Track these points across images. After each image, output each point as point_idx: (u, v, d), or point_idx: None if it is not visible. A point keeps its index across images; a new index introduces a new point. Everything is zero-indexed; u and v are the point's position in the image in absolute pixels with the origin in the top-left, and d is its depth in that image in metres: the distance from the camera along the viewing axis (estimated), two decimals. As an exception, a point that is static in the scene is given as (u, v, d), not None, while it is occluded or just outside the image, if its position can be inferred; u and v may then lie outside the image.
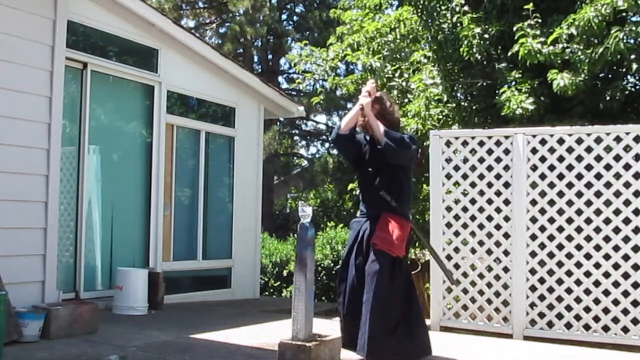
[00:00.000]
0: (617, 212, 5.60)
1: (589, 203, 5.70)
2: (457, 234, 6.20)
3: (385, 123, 4.61)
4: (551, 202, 5.84)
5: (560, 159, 5.88)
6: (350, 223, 4.94)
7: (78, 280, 6.50)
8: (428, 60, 8.18)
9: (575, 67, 6.45)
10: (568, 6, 6.87)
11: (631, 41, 6.22)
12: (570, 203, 5.77)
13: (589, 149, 5.78)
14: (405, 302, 4.50)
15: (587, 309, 5.65)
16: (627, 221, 5.56)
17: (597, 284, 5.64)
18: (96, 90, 6.79)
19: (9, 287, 4.47)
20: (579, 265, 5.71)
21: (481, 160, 6.18)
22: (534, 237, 5.87)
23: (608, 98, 6.60)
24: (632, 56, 6.29)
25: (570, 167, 5.83)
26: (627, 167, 5.63)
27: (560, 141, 5.88)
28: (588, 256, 5.68)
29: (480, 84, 7.37)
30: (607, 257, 5.60)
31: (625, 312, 5.52)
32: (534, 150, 5.95)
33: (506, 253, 5.96)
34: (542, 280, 5.81)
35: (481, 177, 6.15)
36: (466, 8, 7.21)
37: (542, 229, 5.85)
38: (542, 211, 5.86)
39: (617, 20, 6.39)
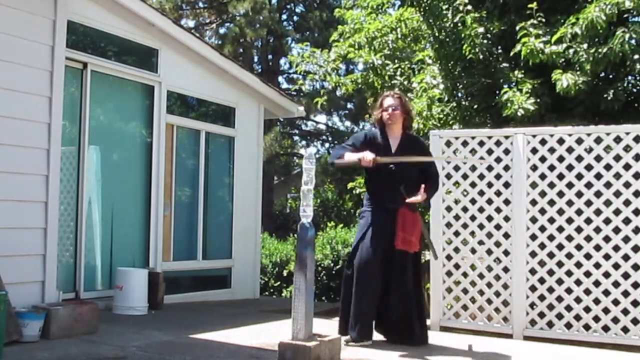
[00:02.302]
0: (617, 212, 5.60)
1: (589, 203, 5.70)
2: (457, 234, 6.19)
3: (407, 121, 5.19)
4: (551, 202, 5.84)
5: (560, 159, 5.88)
6: (360, 212, 5.18)
7: (78, 280, 6.50)
8: (433, 62, 8.19)
9: (577, 67, 6.45)
10: (569, 6, 6.87)
11: (632, 42, 6.21)
12: (570, 203, 5.77)
13: (589, 149, 5.78)
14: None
15: (587, 309, 5.65)
16: (627, 221, 5.56)
17: (597, 284, 5.64)
18: (96, 90, 6.79)
19: (9, 287, 4.46)
20: (579, 265, 5.71)
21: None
22: (534, 237, 5.87)
23: (609, 98, 6.60)
24: (636, 56, 6.28)
25: (570, 167, 5.83)
26: (627, 167, 5.62)
27: (560, 141, 5.88)
28: (588, 256, 5.68)
29: (480, 84, 7.37)
30: (607, 257, 5.60)
31: (625, 312, 5.51)
32: (534, 150, 5.95)
33: (506, 253, 5.96)
34: (542, 280, 5.80)
35: (481, 177, 6.15)
36: (469, 7, 7.21)
37: (542, 229, 5.85)
38: (542, 211, 5.86)
39: (620, 20, 6.38)
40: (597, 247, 5.63)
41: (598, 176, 5.69)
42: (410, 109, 5.28)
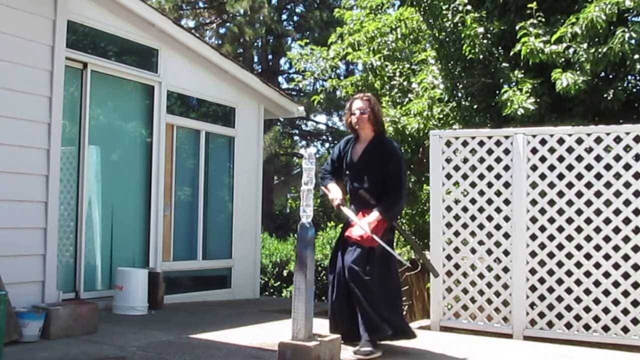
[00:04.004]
0: (617, 212, 5.60)
1: (589, 203, 5.70)
2: (457, 234, 6.19)
3: (377, 125, 4.88)
4: (551, 202, 5.84)
5: (560, 159, 5.88)
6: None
7: (78, 280, 6.50)
8: (435, 62, 8.19)
9: (577, 66, 6.45)
10: (570, 6, 6.88)
11: (632, 41, 6.21)
12: (570, 203, 5.77)
13: (589, 149, 5.78)
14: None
15: (587, 309, 5.65)
16: (627, 221, 5.56)
17: (597, 284, 5.64)
18: (96, 90, 6.79)
19: (9, 287, 4.47)
20: (579, 265, 5.71)
21: (481, 160, 6.18)
22: (534, 237, 5.86)
23: (609, 98, 6.60)
24: (636, 56, 6.29)
25: (570, 167, 5.83)
26: (627, 167, 5.62)
27: (560, 141, 5.88)
28: (588, 256, 5.68)
29: (481, 83, 7.38)
30: (607, 257, 5.60)
31: (625, 312, 5.51)
32: (534, 150, 5.95)
33: (506, 253, 5.95)
34: (542, 280, 5.80)
35: (481, 177, 6.15)
36: (469, 7, 7.22)
37: (542, 229, 5.84)
38: (542, 211, 5.86)
39: (620, 20, 6.39)
40: (597, 247, 5.63)
41: (598, 176, 5.69)
42: (378, 113, 4.94)
